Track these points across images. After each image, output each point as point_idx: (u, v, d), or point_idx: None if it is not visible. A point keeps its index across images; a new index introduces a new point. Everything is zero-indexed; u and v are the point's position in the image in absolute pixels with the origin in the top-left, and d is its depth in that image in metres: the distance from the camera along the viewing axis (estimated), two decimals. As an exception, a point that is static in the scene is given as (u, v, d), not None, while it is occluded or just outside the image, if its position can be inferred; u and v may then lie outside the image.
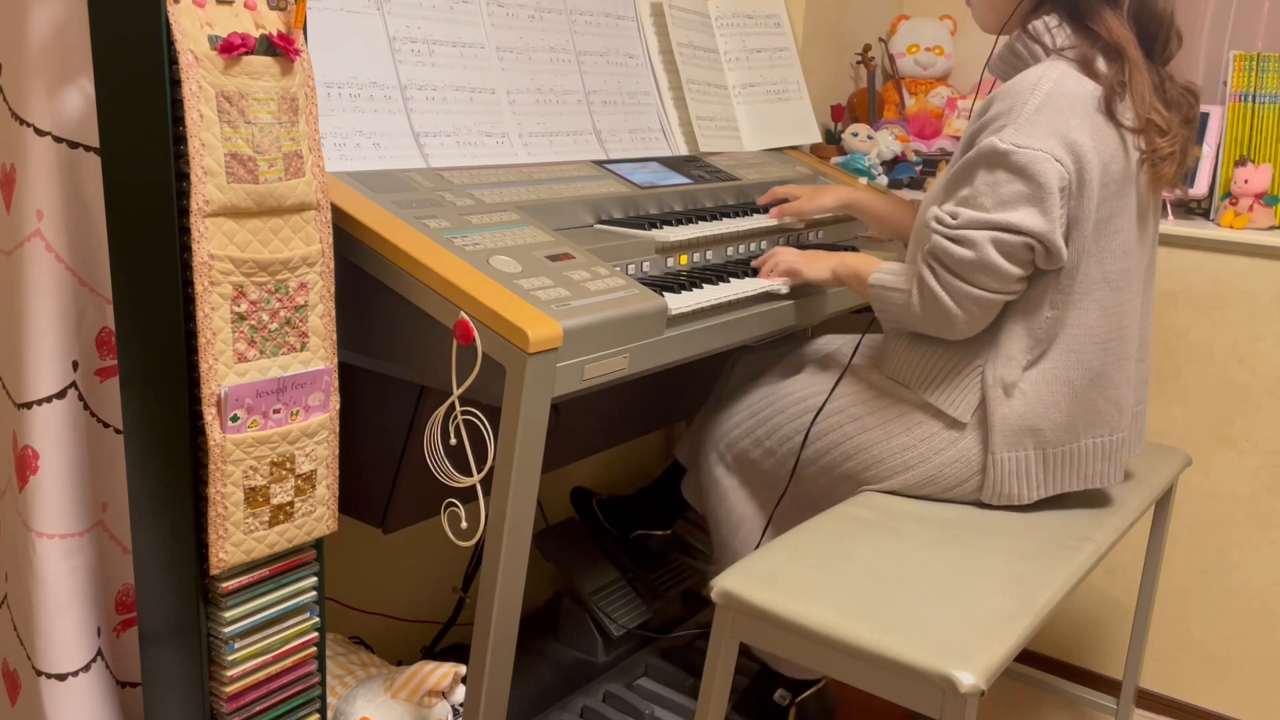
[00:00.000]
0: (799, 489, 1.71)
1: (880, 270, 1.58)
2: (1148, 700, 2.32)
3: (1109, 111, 1.45)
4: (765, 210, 1.93)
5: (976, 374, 1.54)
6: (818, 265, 1.66)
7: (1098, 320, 1.51)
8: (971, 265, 1.45)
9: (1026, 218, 1.42)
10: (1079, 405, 1.53)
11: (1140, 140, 1.48)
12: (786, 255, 1.69)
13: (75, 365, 1.43)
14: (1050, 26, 1.51)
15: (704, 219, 1.79)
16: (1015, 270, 1.45)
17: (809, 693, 1.92)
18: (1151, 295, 1.66)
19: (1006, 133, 1.43)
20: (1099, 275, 1.49)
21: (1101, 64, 1.47)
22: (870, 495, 1.59)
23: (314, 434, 1.25)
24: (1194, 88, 1.57)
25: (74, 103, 1.36)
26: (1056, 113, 1.43)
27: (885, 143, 2.40)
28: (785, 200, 1.91)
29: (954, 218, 1.46)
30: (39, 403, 1.40)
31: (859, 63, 2.62)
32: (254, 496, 1.21)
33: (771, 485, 1.74)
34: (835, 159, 2.39)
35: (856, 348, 1.71)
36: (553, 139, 1.78)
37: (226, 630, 1.24)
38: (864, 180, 2.31)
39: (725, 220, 1.81)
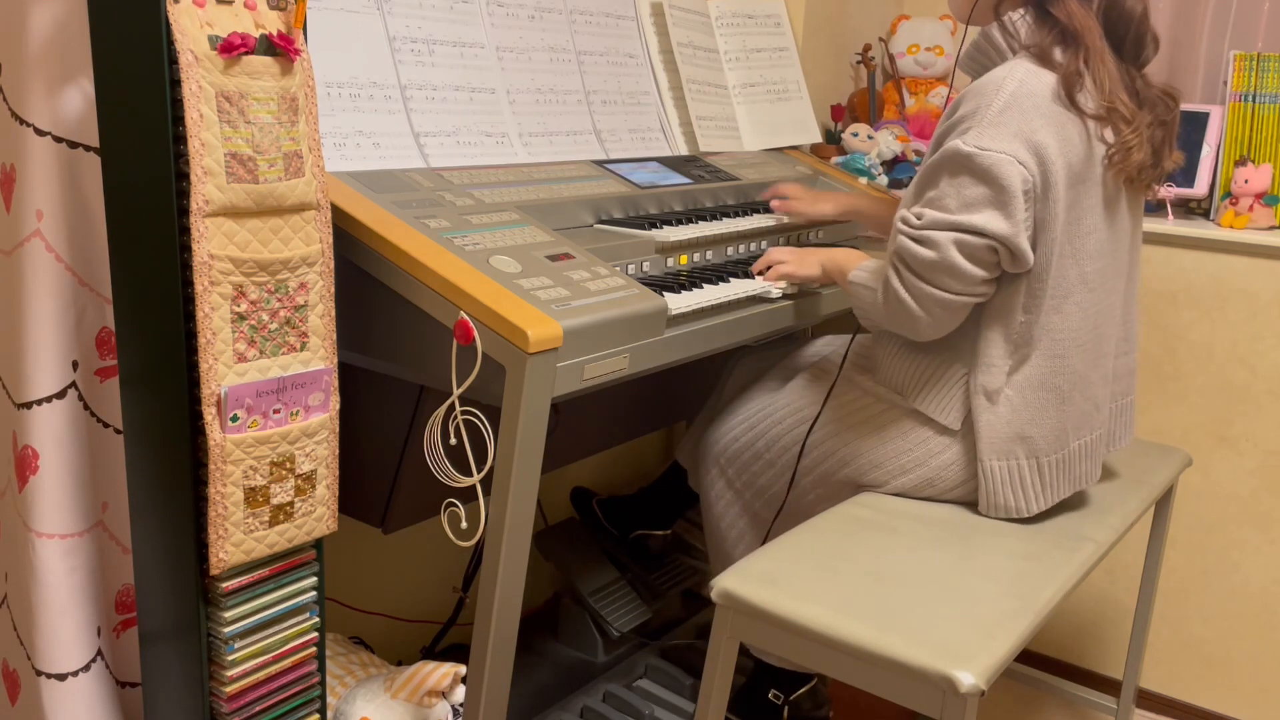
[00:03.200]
0: (796, 499, 1.70)
1: (858, 269, 1.58)
2: (1148, 700, 2.32)
3: (1070, 100, 1.44)
4: (766, 206, 1.93)
5: (961, 381, 1.54)
6: (809, 262, 1.66)
7: (1079, 323, 1.50)
8: (934, 266, 1.44)
9: (990, 220, 1.41)
10: (1068, 410, 1.52)
11: (1105, 130, 1.47)
12: (779, 257, 1.69)
13: (75, 365, 1.43)
14: (1014, 20, 1.51)
15: (704, 219, 1.79)
16: (978, 272, 1.44)
17: (802, 691, 1.92)
18: (1135, 291, 1.65)
19: (970, 135, 1.42)
20: (1077, 277, 1.49)
21: (1059, 53, 1.46)
22: (870, 495, 1.59)
23: (314, 434, 1.25)
24: (1174, 92, 1.56)
25: (74, 103, 1.36)
26: (1020, 114, 1.42)
27: (885, 142, 2.40)
28: (786, 196, 1.91)
29: (919, 219, 1.46)
30: (39, 403, 1.40)
31: (859, 63, 2.62)
32: (254, 496, 1.21)
33: (769, 496, 1.74)
34: (835, 159, 2.39)
35: (846, 355, 1.71)
36: (553, 139, 1.78)
37: (226, 630, 1.24)
38: (864, 180, 2.31)
39: (725, 220, 1.81)
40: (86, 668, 1.47)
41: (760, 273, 1.69)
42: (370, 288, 1.34)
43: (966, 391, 1.53)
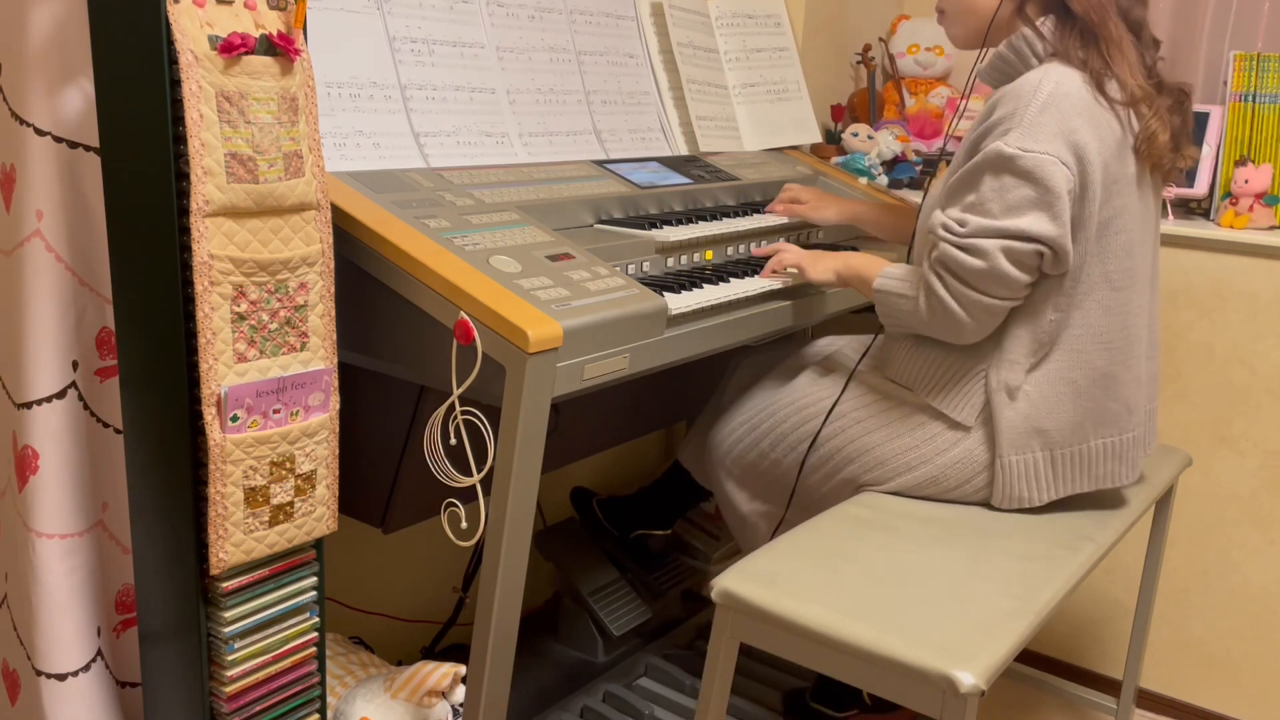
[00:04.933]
0: (801, 497, 1.70)
1: (885, 275, 1.57)
2: (1148, 700, 2.32)
3: (1100, 91, 1.45)
4: (766, 206, 1.93)
5: (980, 378, 1.54)
6: (821, 265, 1.66)
7: (1101, 320, 1.51)
8: (982, 275, 1.44)
9: (1036, 223, 1.41)
10: (1085, 405, 1.53)
11: (1133, 117, 1.48)
12: (791, 252, 1.69)
13: (75, 365, 1.43)
14: (1034, 29, 1.52)
15: (704, 219, 1.79)
16: (1024, 278, 1.45)
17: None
18: (1158, 294, 1.66)
19: (1012, 136, 1.43)
20: (1100, 275, 1.49)
21: (1081, 50, 1.48)
22: (871, 495, 1.59)
23: (314, 434, 1.25)
24: (1186, 87, 1.57)
25: (74, 103, 1.36)
26: (1060, 114, 1.42)
27: (885, 143, 2.40)
28: (794, 199, 1.92)
29: (962, 225, 1.45)
30: (39, 403, 1.40)
31: (859, 63, 2.62)
32: (254, 496, 1.21)
33: (776, 493, 1.74)
34: (835, 159, 2.39)
35: (865, 353, 1.70)
36: (553, 139, 1.78)
37: (226, 630, 1.24)
38: (864, 180, 2.31)
39: (725, 220, 1.81)
40: (86, 668, 1.47)
41: (766, 260, 1.69)
42: (370, 288, 1.34)
43: (985, 388, 1.53)
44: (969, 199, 1.47)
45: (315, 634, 1.34)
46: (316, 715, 1.38)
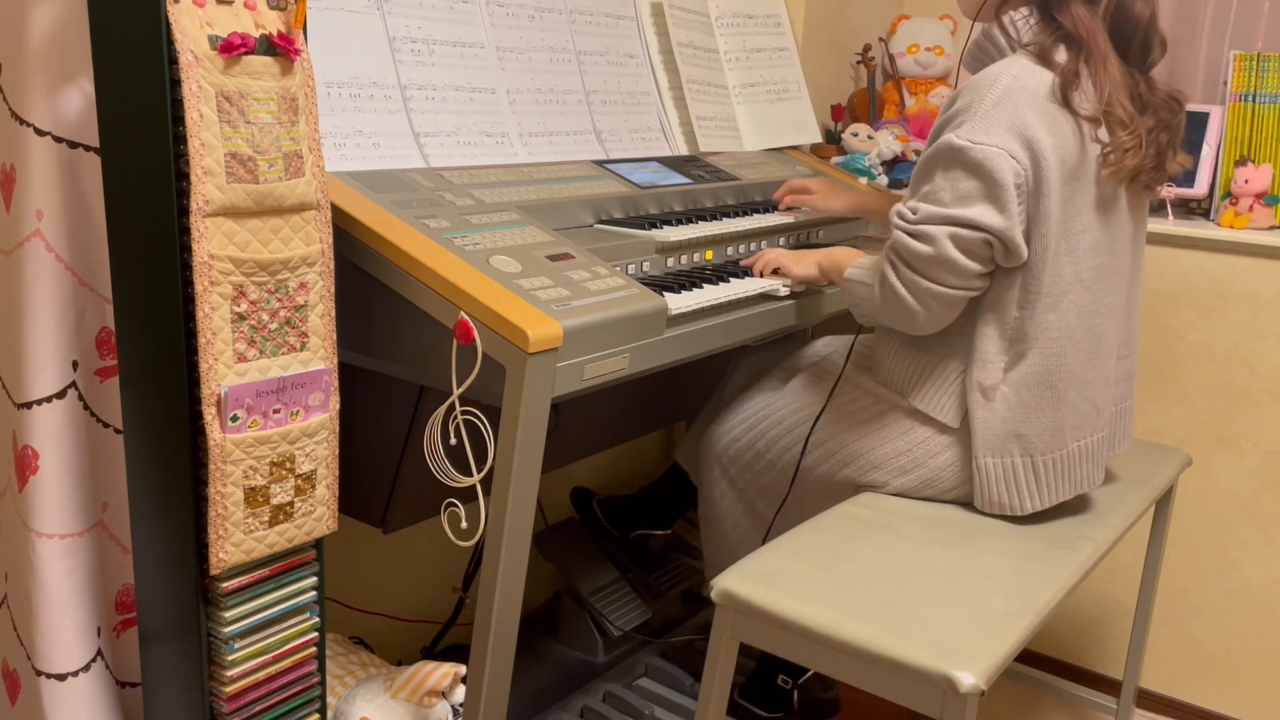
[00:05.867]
0: (798, 500, 1.71)
1: (855, 264, 1.59)
2: (1148, 700, 2.32)
3: (1064, 99, 1.44)
4: (773, 207, 1.94)
5: (958, 379, 1.54)
6: (805, 261, 1.67)
7: (1076, 322, 1.50)
8: (930, 260, 1.44)
9: (984, 214, 1.42)
10: (1064, 410, 1.52)
11: (1099, 131, 1.47)
12: (774, 252, 1.70)
13: (75, 365, 1.43)
14: (1016, 20, 1.52)
15: (704, 219, 1.79)
16: (974, 266, 1.44)
17: (809, 674, 1.94)
18: (1138, 292, 1.65)
19: (964, 129, 1.43)
20: (1073, 275, 1.49)
21: (1061, 54, 1.47)
22: (870, 495, 1.59)
23: (314, 434, 1.25)
24: (1179, 96, 1.56)
25: (74, 103, 1.36)
26: (1014, 108, 1.42)
27: (885, 142, 2.40)
28: (802, 189, 1.93)
29: (914, 213, 1.46)
30: (39, 403, 1.40)
31: (859, 63, 2.62)
32: (254, 496, 1.21)
33: (771, 498, 1.74)
34: (835, 159, 2.39)
35: (849, 355, 1.71)
36: (553, 139, 1.78)
37: (226, 630, 1.24)
38: (864, 180, 2.31)
39: (725, 220, 1.81)
40: (86, 668, 1.47)
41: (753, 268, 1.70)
42: (370, 288, 1.34)
43: (963, 389, 1.53)
44: (924, 189, 1.48)
45: (315, 634, 1.34)
46: (316, 715, 1.38)
